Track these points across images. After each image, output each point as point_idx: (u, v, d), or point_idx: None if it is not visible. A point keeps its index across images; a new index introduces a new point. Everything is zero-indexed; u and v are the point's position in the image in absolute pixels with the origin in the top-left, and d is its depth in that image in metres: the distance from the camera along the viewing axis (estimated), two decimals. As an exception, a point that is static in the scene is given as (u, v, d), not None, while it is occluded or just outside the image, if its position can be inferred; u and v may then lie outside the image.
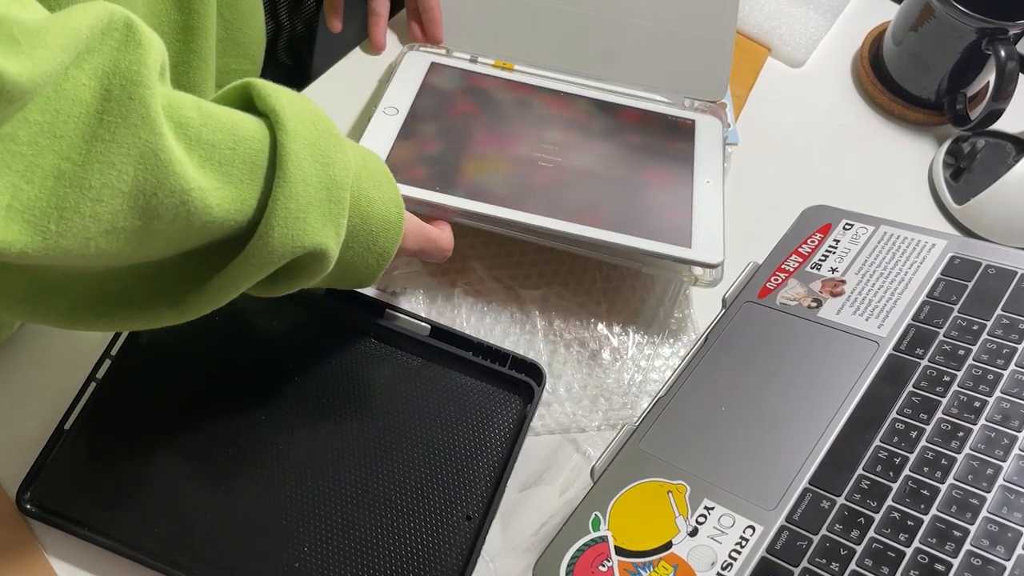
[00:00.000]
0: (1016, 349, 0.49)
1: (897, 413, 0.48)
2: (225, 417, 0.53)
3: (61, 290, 0.39)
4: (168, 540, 0.49)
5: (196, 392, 0.53)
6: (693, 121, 0.67)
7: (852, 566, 0.43)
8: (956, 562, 0.42)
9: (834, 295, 0.55)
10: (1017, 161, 0.67)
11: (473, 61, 0.70)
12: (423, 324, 0.56)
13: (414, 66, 0.68)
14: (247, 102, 0.42)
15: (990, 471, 0.44)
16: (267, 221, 0.39)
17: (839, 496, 0.45)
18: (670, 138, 0.66)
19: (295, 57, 0.81)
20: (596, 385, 0.58)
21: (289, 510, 0.50)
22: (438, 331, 0.56)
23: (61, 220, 0.32)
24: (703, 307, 0.62)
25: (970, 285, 0.53)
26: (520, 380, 0.55)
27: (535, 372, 0.56)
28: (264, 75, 0.67)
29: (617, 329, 0.61)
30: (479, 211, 0.57)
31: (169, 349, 0.54)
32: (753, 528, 0.45)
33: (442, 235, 0.55)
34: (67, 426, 0.52)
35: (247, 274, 0.40)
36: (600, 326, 0.61)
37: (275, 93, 0.41)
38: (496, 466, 0.53)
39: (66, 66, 0.31)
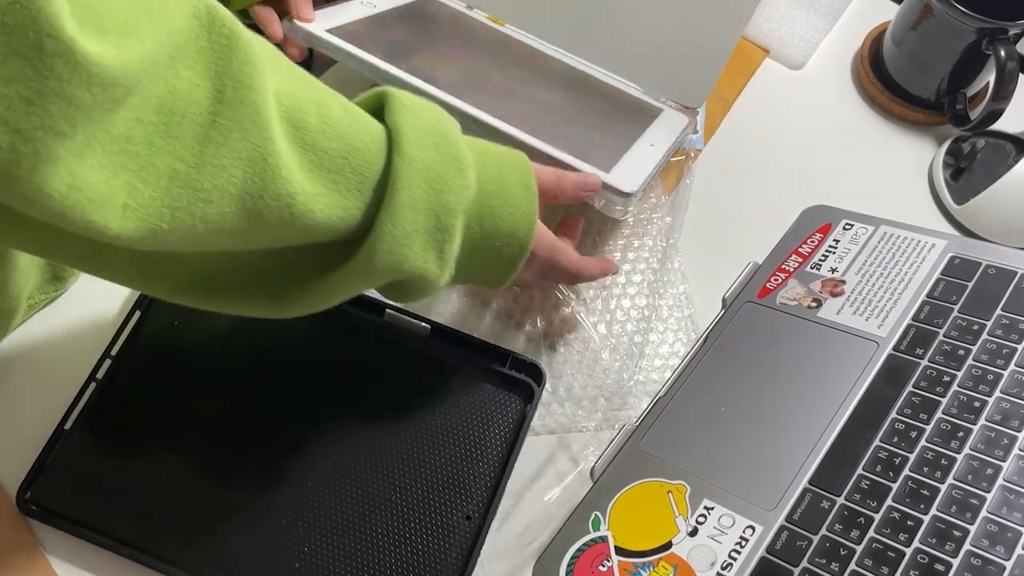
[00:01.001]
0: (1016, 349, 0.49)
1: (897, 413, 0.48)
2: (224, 417, 0.53)
3: (169, 272, 0.40)
4: (168, 539, 0.49)
5: (196, 392, 0.53)
6: (661, 110, 0.67)
7: (852, 566, 0.43)
8: (956, 562, 0.42)
9: (834, 295, 0.55)
10: (1017, 161, 0.67)
11: (469, 8, 0.70)
12: (423, 324, 0.56)
13: None
14: (380, 110, 0.43)
15: (990, 471, 0.44)
16: (372, 243, 0.40)
17: (839, 496, 0.45)
18: (631, 111, 0.65)
19: None
20: (596, 385, 0.58)
21: (289, 510, 0.50)
22: (438, 331, 0.56)
23: (173, 219, 0.33)
24: (703, 307, 0.62)
25: (970, 285, 0.53)
26: (520, 380, 0.55)
27: (535, 372, 0.56)
28: None
29: (617, 329, 0.61)
30: (409, 82, 0.57)
31: (169, 349, 0.54)
32: (753, 528, 0.45)
33: (588, 263, 0.54)
34: (67, 426, 0.52)
35: (347, 287, 0.42)
36: (601, 326, 0.61)
37: (404, 109, 0.42)
38: (496, 466, 0.53)
39: (160, 58, 0.31)
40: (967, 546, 0.42)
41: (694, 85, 0.68)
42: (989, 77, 0.68)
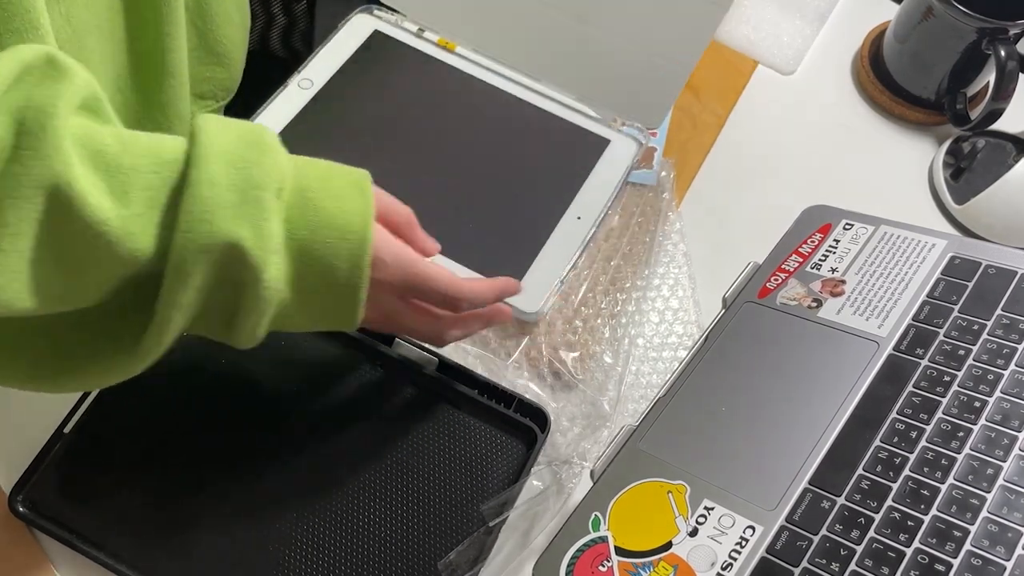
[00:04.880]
0: (1016, 349, 0.49)
1: (897, 413, 0.48)
2: (224, 436, 0.52)
3: (19, 349, 0.38)
4: (155, 556, 0.48)
5: (197, 409, 0.53)
6: (608, 141, 0.65)
7: (852, 566, 0.43)
8: (956, 562, 0.42)
9: (834, 295, 0.55)
10: (1017, 161, 0.67)
11: (419, 36, 0.68)
12: (431, 357, 0.55)
13: (354, 32, 0.68)
14: None
15: (990, 471, 0.44)
16: (173, 232, 0.37)
17: (839, 496, 0.45)
18: (572, 156, 0.64)
19: (289, 49, 0.81)
20: (600, 416, 0.57)
21: (275, 537, 0.50)
22: (445, 366, 0.55)
23: None
24: (703, 307, 0.62)
25: (970, 285, 0.53)
26: (524, 425, 0.54)
27: (540, 418, 0.54)
28: (258, 68, 0.67)
29: (619, 332, 0.61)
30: None
31: (175, 362, 0.54)
32: (753, 528, 0.45)
33: (471, 283, 0.48)
34: (67, 430, 0.51)
35: (172, 294, 0.38)
36: (606, 330, 0.60)
37: (207, 120, 0.39)
38: (488, 515, 0.51)
39: None
40: (967, 546, 0.42)
41: (654, 103, 0.66)
42: (989, 77, 0.68)
